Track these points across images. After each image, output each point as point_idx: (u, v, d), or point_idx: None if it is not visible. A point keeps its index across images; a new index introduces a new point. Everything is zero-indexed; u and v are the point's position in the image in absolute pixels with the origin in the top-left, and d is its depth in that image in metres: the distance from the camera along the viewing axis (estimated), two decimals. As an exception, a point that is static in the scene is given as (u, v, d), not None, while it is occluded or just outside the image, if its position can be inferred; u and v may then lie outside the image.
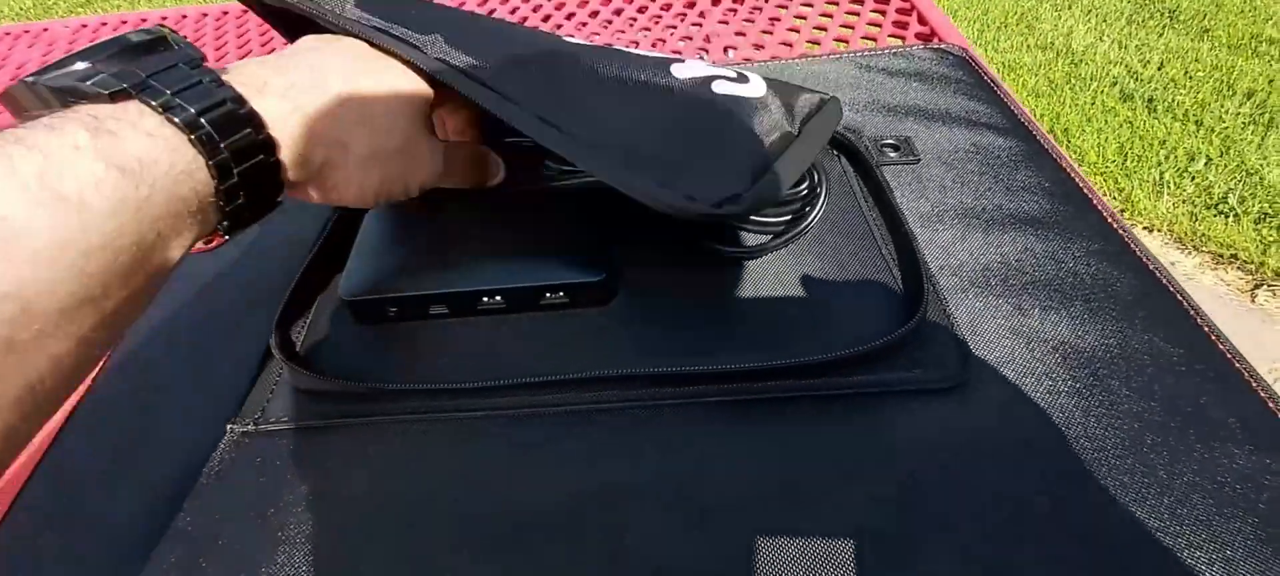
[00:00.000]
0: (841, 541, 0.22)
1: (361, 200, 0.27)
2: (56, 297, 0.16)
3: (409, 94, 0.27)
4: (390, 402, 0.28)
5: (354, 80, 0.25)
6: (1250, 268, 1.19)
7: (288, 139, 0.23)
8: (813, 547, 0.22)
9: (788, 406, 0.26)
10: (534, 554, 0.23)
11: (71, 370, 0.18)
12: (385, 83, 0.26)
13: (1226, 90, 1.55)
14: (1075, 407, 0.25)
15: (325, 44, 0.26)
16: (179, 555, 0.24)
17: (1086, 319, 0.28)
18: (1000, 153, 0.36)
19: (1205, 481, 0.22)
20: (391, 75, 0.27)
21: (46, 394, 0.17)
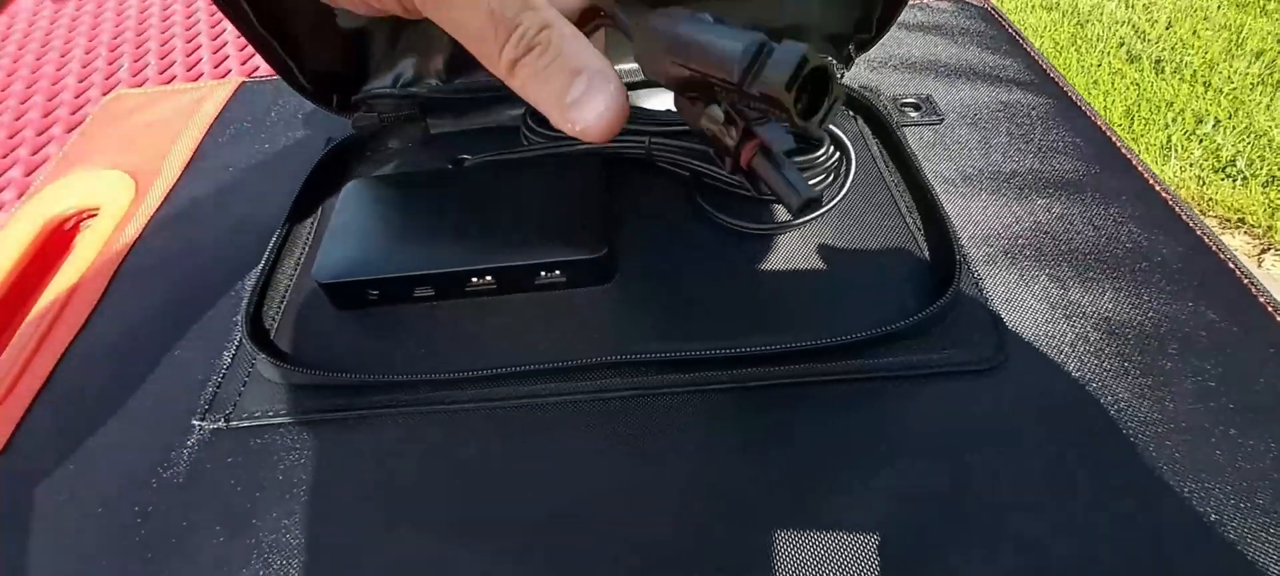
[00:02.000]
0: (870, 537, 0.20)
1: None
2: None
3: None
4: (372, 395, 0.25)
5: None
6: (1258, 232, 1.17)
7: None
8: (838, 544, 0.20)
9: (808, 392, 0.24)
10: (532, 554, 0.21)
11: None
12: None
13: (1236, 50, 1.52)
14: (1124, 388, 0.23)
15: None
16: (148, 559, 0.22)
17: (1131, 290, 0.25)
18: (1029, 110, 0.33)
19: (1271, 469, 0.20)
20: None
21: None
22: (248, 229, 0.32)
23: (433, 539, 0.21)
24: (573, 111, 0.17)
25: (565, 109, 0.17)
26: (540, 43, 0.17)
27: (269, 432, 0.25)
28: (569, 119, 0.17)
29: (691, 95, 0.19)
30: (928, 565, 0.19)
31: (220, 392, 0.26)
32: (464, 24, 0.17)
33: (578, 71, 0.17)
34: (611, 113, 0.17)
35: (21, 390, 0.28)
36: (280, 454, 0.24)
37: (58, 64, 0.57)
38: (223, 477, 0.24)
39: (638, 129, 0.30)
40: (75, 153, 0.40)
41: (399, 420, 0.25)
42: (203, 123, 0.40)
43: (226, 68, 0.54)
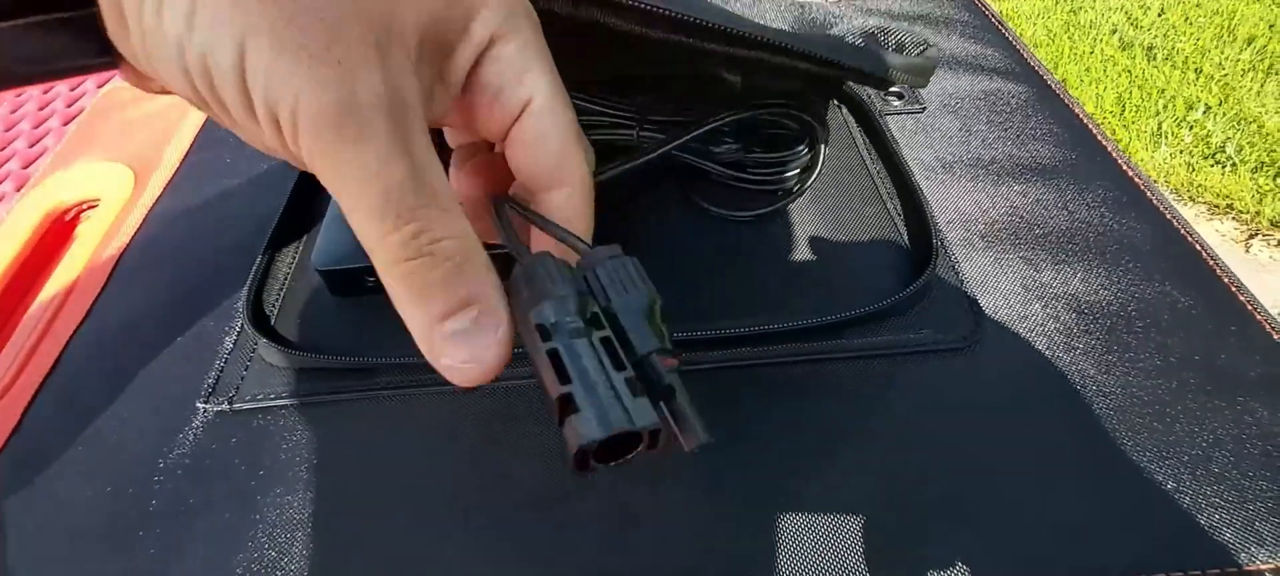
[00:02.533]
0: (851, 508, 0.21)
1: (181, 74, 0.14)
2: None
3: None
4: (369, 377, 0.26)
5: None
6: (1246, 218, 1.18)
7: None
8: (822, 514, 0.21)
9: (792, 371, 0.25)
10: (527, 528, 0.22)
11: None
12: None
13: (1227, 36, 1.52)
14: (1091, 365, 0.24)
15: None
16: (156, 537, 0.23)
17: (1102, 272, 0.26)
18: (1009, 99, 0.34)
19: (1226, 438, 0.21)
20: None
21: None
22: (247, 217, 0.33)
23: (431, 515, 0.22)
24: (445, 344, 0.14)
25: (435, 338, 0.14)
26: (433, 252, 0.14)
27: (271, 414, 0.26)
28: (437, 351, 0.14)
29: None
30: (905, 537, 0.20)
31: (223, 377, 0.27)
32: (356, 201, 0.14)
33: (467, 302, 0.14)
34: (490, 362, 0.14)
35: (26, 379, 0.29)
36: (282, 434, 0.25)
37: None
38: (227, 458, 0.25)
39: (627, 117, 0.31)
40: (74, 144, 0.40)
41: (397, 401, 0.26)
42: (200, 113, 0.41)
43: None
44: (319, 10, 0.13)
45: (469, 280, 0.14)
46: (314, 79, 0.13)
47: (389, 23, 0.14)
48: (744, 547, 0.21)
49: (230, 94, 0.13)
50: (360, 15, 0.13)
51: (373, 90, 0.13)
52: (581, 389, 0.13)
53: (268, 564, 0.22)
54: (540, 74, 0.17)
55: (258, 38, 0.13)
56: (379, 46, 0.14)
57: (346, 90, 0.13)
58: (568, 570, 0.21)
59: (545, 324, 0.14)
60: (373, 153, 0.13)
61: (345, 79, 0.13)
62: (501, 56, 0.16)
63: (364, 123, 0.13)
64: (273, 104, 0.13)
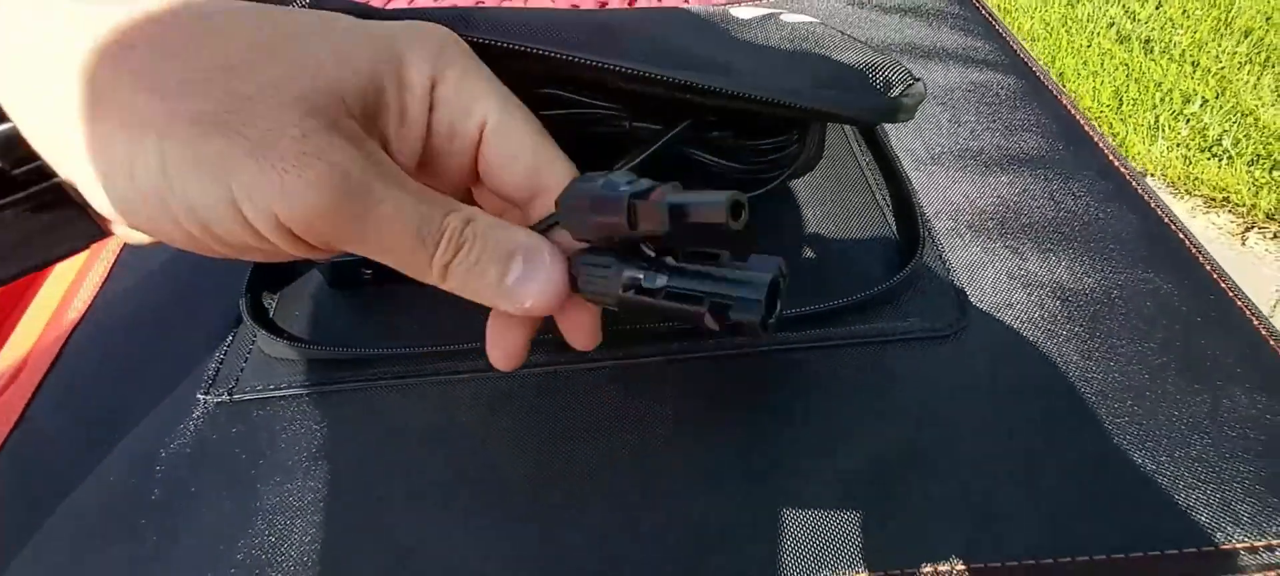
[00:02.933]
0: (841, 491, 0.22)
1: (171, 225, 0.14)
2: None
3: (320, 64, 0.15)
4: (368, 368, 0.27)
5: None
6: (1241, 211, 1.18)
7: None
8: (813, 497, 0.21)
9: (779, 359, 0.25)
10: (523, 515, 0.22)
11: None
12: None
13: (1224, 29, 1.52)
14: (1074, 351, 0.24)
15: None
16: (157, 527, 0.23)
17: (1087, 261, 0.27)
18: (998, 91, 0.35)
19: (1204, 422, 0.22)
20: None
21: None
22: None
23: (428, 502, 0.23)
24: (516, 292, 0.16)
25: (508, 293, 0.16)
26: (466, 239, 0.16)
27: (270, 404, 0.26)
28: (515, 301, 0.17)
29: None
30: (892, 520, 0.21)
31: (223, 368, 0.28)
32: (394, 249, 0.16)
33: (511, 254, 0.16)
34: (554, 283, 0.16)
35: (29, 372, 0.29)
36: (282, 424, 0.26)
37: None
38: (227, 448, 0.25)
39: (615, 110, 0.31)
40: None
41: (394, 392, 0.26)
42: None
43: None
44: (274, 124, 0.14)
45: (500, 242, 0.16)
46: (305, 181, 0.14)
47: (330, 103, 0.15)
48: (738, 532, 0.21)
49: (229, 226, 0.14)
50: (309, 111, 0.14)
51: (354, 162, 0.14)
52: (711, 289, 0.14)
53: (268, 550, 0.22)
54: (486, 97, 0.17)
55: (239, 173, 0.13)
56: (335, 126, 0.15)
57: (338, 175, 0.14)
58: (563, 556, 0.21)
59: (638, 278, 0.15)
60: (387, 205, 0.15)
61: (329, 168, 0.14)
62: (443, 99, 0.17)
63: (366, 191, 0.15)
64: (286, 219, 0.14)
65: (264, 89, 0.14)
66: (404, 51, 0.17)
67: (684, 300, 0.15)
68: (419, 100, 0.17)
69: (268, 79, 0.14)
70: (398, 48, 0.16)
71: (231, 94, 0.14)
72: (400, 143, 0.17)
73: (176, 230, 0.14)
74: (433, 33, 0.17)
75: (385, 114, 0.16)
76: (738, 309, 0.14)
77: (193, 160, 0.13)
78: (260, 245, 0.15)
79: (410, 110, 0.17)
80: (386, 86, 0.16)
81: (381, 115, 0.16)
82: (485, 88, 0.18)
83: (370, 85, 0.16)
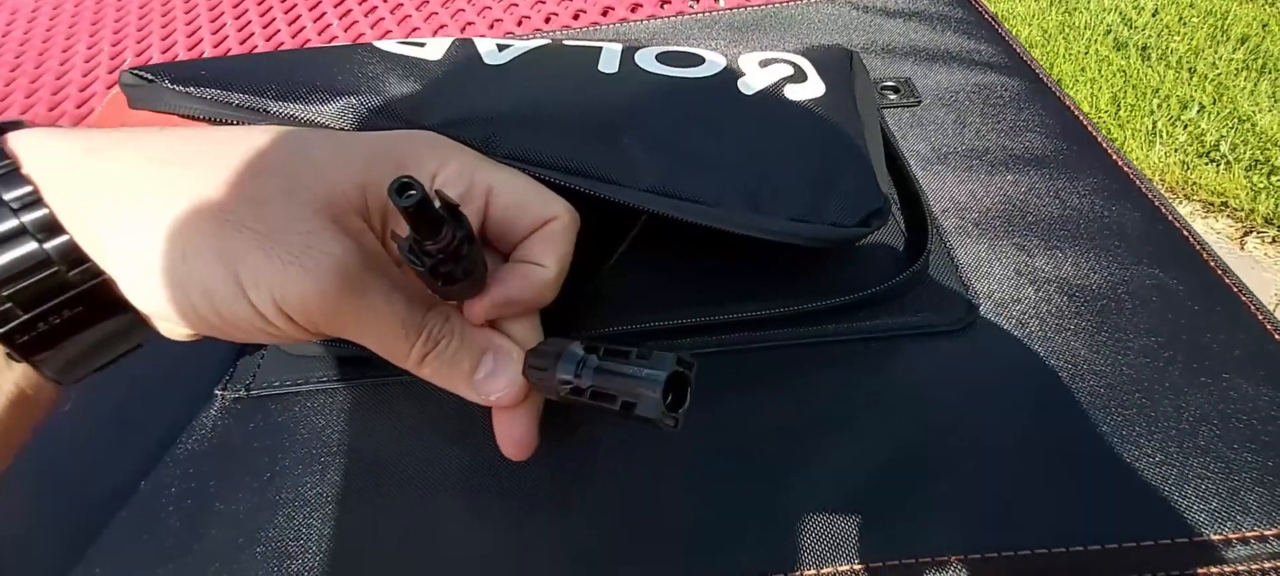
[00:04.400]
0: (849, 485, 0.22)
1: (189, 310, 0.16)
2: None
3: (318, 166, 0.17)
4: (382, 365, 0.27)
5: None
6: (1240, 215, 1.19)
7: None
8: (820, 493, 0.22)
9: (791, 354, 0.25)
10: (535, 510, 0.22)
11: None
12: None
13: (1220, 36, 1.54)
14: (1081, 345, 0.24)
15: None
16: (176, 522, 0.24)
17: (1092, 257, 0.27)
18: (1002, 92, 0.35)
19: (1212, 413, 0.22)
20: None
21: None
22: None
23: (441, 496, 0.23)
24: (485, 386, 0.19)
25: (477, 387, 0.19)
26: (444, 335, 0.19)
27: (288, 400, 0.27)
28: (483, 394, 0.19)
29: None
30: (900, 514, 0.21)
31: (240, 365, 0.28)
32: (380, 337, 0.18)
33: (483, 351, 0.19)
34: (516, 383, 0.19)
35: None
36: (299, 419, 0.26)
37: (61, 59, 0.58)
38: (245, 443, 0.26)
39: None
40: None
41: (411, 388, 0.26)
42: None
43: (227, 53, 0.55)
44: (284, 222, 0.16)
45: (473, 342, 0.19)
46: (306, 271, 0.16)
47: (334, 201, 0.17)
48: (745, 525, 0.21)
49: (236, 309, 0.16)
50: (316, 210, 0.17)
51: (352, 256, 0.16)
52: (621, 388, 0.16)
53: (286, 542, 0.23)
54: (489, 169, 0.20)
55: (246, 261, 0.16)
56: (337, 222, 0.17)
57: (336, 267, 0.16)
58: (574, 547, 0.22)
59: (570, 379, 0.18)
60: (378, 297, 0.17)
61: (329, 260, 0.16)
62: (450, 180, 0.19)
63: (362, 281, 0.17)
64: (283, 304, 0.16)
65: (275, 193, 0.16)
66: (406, 150, 0.19)
67: (604, 398, 0.17)
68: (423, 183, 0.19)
69: (278, 185, 0.17)
70: (400, 149, 0.19)
71: (247, 198, 0.16)
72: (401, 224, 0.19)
73: (195, 315, 0.16)
74: (430, 136, 0.20)
75: (386, 204, 0.18)
76: (641, 405, 0.16)
77: (209, 251, 0.16)
78: (265, 328, 0.17)
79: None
80: (386, 180, 0.18)
81: (383, 206, 0.19)
82: (485, 162, 0.20)
83: (372, 183, 0.18)
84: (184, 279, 0.16)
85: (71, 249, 0.15)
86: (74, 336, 0.17)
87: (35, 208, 0.15)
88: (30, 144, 0.16)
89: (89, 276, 0.16)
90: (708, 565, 0.21)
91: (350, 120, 0.24)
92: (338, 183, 0.17)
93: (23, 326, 0.16)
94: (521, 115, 0.25)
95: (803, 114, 0.27)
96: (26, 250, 0.15)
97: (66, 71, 0.56)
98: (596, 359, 0.18)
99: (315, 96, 0.24)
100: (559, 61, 0.29)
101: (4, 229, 0.15)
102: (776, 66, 0.29)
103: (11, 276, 0.15)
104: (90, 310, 0.16)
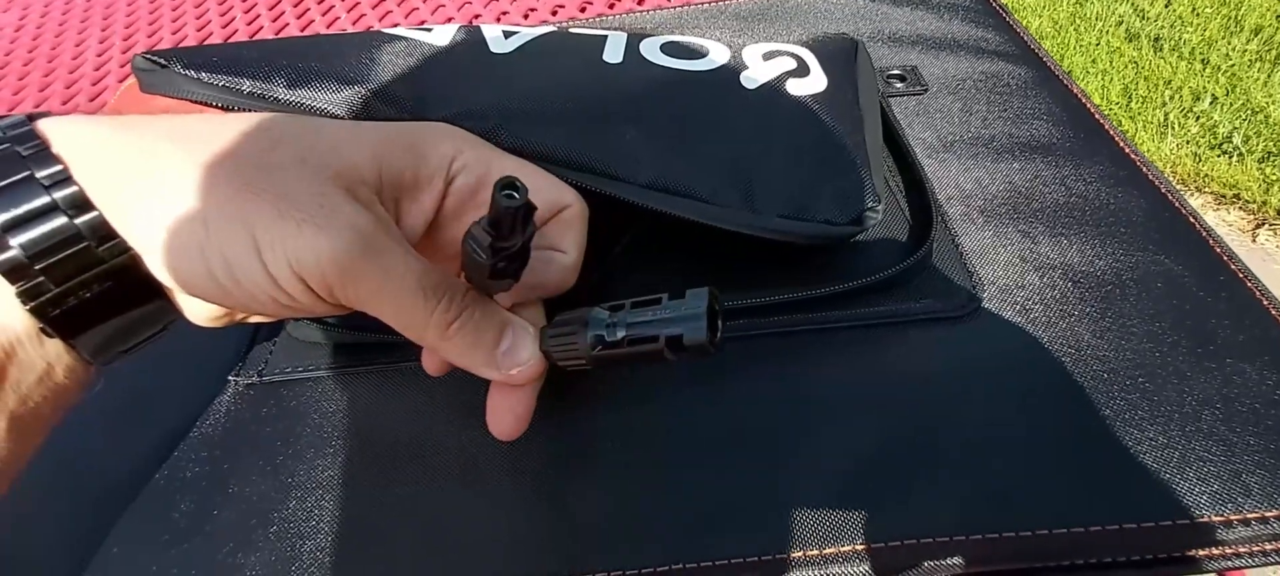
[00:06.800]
0: (851, 468, 0.22)
1: (207, 278, 0.16)
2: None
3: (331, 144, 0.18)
4: (393, 351, 0.27)
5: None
6: (1253, 207, 1.18)
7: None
8: (822, 476, 0.22)
9: (796, 339, 0.26)
10: (544, 491, 0.23)
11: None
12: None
13: (1234, 26, 1.52)
14: (1085, 330, 0.24)
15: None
16: (190, 504, 0.24)
17: (1097, 243, 0.27)
18: (1009, 80, 0.35)
19: (1215, 398, 0.22)
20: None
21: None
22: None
23: (452, 479, 0.23)
24: (505, 361, 0.19)
25: (498, 359, 0.19)
26: (470, 304, 0.19)
27: (299, 386, 0.27)
28: (504, 368, 0.19)
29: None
30: (904, 496, 0.21)
31: (253, 351, 0.28)
32: (395, 303, 0.18)
33: (504, 325, 0.19)
34: (537, 358, 0.20)
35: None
36: (311, 404, 0.26)
37: (73, 53, 0.58)
38: (258, 427, 0.26)
39: None
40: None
41: (419, 374, 0.27)
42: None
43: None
44: (298, 186, 0.16)
45: (495, 318, 0.19)
46: (322, 231, 0.16)
47: (346, 172, 0.17)
48: (749, 506, 0.22)
49: (253, 275, 0.16)
50: (329, 179, 0.17)
51: (366, 220, 0.17)
52: (663, 327, 0.17)
53: (299, 524, 0.23)
54: (503, 161, 0.20)
55: (262, 224, 0.16)
56: (350, 191, 0.17)
57: (350, 229, 0.16)
58: (580, 527, 0.22)
59: (602, 335, 0.18)
60: (396, 260, 0.17)
61: (345, 223, 0.16)
62: (466, 166, 0.20)
63: (378, 244, 0.17)
64: (298, 267, 0.16)
65: (291, 162, 0.17)
66: (424, 137, 0.20)
67: (643, 343, 0.17)
68: (439, 168, 0.19)
69: (294, 154, 0.17)
70: (418, 135, 0.20)
71: (263, 166, 0.17)
72: (414, 204, 0.19)
73: (215, 286, 0.17)
74: (446, 127, 0.21)
75: (401, 184, 0.19)
76: (689, 335, 0.17)
77: (228, 218, 0.16)
78: (280, 298, 0.17)
79: (424, 175, 0.19)
80: (402, 163, 0.19)
81: (398, 185, 0.19)
82: (500, 154, 0.21)
83: (387, 162, 0.18)
84: (204, 247, 0.16)
85: (101, 224, 0.16)
86: (104, 313, 0.17)
87: (65, 184, 0.15)
88: (59, 128, 0.16)
89: (117, 252, 0.16)
90: (711, 545, 0.21)
91: (358, 108, 0.25)
92: (352, 157, 0.18)
93: (54, 300, 0.16)
94: (525, 108, 0.25)
95: (802, 111, 0.27)
96: (58, 224, 0.15)
97: (79, 65, 0.57)
98: (624, 314, 0.18)
99: (324, 84, 0.25)
100: (564, 50, 0.29)
101: (37, 205, 0.15)
102: (780, 60, 0.29)
103: (43, 250, 0.15)
104: (120, 288, 0.17)
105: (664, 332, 0.17)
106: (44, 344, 0.17)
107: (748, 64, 0.28)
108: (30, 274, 0.15)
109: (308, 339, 0.28)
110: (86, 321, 0.17)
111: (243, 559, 0.22)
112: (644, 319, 0.18)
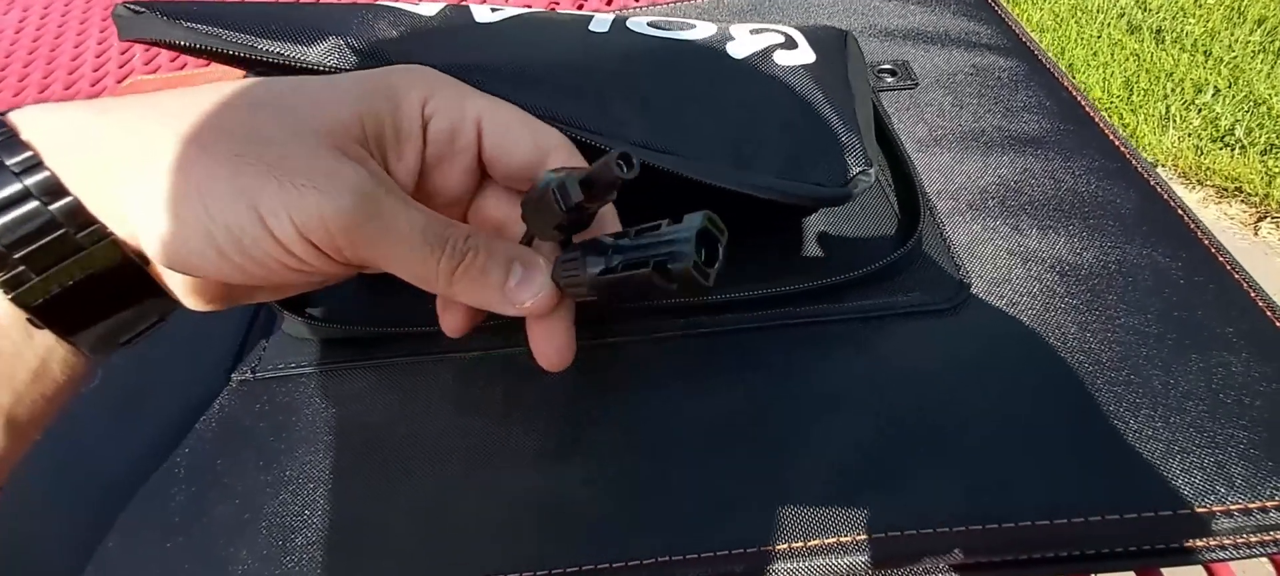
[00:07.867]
0: (843, 461, 0.22)
1: (214, 254, 0.16)
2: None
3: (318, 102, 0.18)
4: (386, 345, 0.28)
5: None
6: (1254, 200, 1.17)
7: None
8: (815, 468, 0.22)
9: (785, 333, 0.26)
10: (535, 484, 0.23)
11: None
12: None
13: (1237, 18, 1.51)
14: (1072, 323, 0.25)
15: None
16: (185, 498, 0.24)
17: (1085, 236, 0.27)
18: (1000, 74, 0.35)
19: (1200, 389, 0.22)
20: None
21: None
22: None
23: (445, 472, 0.24)
24: (515, 295, 0.19)
25: (508, 295, 0.19)
26: (471, 248, 0.18)
27: (293, 381, 0.27)
28: (514, 302, 0.19)
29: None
30: (893, 489, 0.21)
31: (247, 348, 0.29)
32: (401, 257, 0.18)
33: (511, 260, 0.19)
34: (548, 287, 0.19)
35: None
36: (304, 399, 0.27)
37: (73, 51, 0.59)
38: (252, 423, 0.26)
39: None
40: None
41: (413, 369, 0.27)
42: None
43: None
44: (293, 151, 0.16)
45: (501, 252, 0.19)
46: (323, 193, 0.16)
47: (336, 132, 0.17)
48: (743, 499, 0.22)
49: (260, 244, 0.16)
50: (320, 140, 0.17)
51: (365, 177, 0.17)
52: (654, 250, 0.16)
53: (292, 517, 0.23)
54: (476, 98, 0.20)
55: (263, 193, 0.16)
56: (340, 149, 0.17)
57: (349, 188, 0.16)
58: (577, 518, 0.22)
59: (602, 262, 0.17)
60: (398, 214, 0.17)
61: (345, 184, 0.16)
62: (439, 109, 0.19)
63: (377, 198, 0.17)
64: (304, 229, 0.16)
65: (281, 129, 0.17)
66: (396, 82, 0.19)
67: (636, 266, 0.16)
68: (413, 117, 0.19)
69: (280, 121, 0.17)
70: (390, 80, 0.19)
71: (252, 137, 0.16)
72: (399, 159, 0.19)
73: (224, 261, 0.16)
74: (418, 68, 0.20)
75: (384, 137, 0.19)
76: (675, 259, 0.15)
77: (227, 192, 0.16)
78: (290, 263, 0.17)
79: (404, 126, 0.19)
80: (382, 112, 0.19)
81: (381, 138, 0.19)
82: (472, 92, 0.20)
83: (368, 114, 0.18)
84: (207, 225, 0.16)
85: (77, 209, 0.15)
86: (92, 301, 0.17)
87: (36, 171, 0.15)
88: (28, 116, 0.16)
89: (96, 238, 0.16)
90: (706, 537, 0.21)
91: (338, 60, 0.24)
92: (337, 114, 0.18)
93: (36, 289, 0.16)
94: (511, 69, 0.25)
95: (791, 76, 0.26)
96: (30, 209, 0.15)
97: (79, 65, 0.57)
98: (628, 239, 0.17)
99: (304, 36, 0.24)
100: (551, 22, 0.29)
101: (9, 193, 0.15)
102: (767, 35, 0.28)
103: (20, 238, 0.15)
104: (105, 275, 0.16)
105: (653, 258, 0.16)
106: (33, 336, 0.17)
107: (735, 37, 0.28)
108: (9, 263, 0.15)
109: (302, 335, 0.29)
110: (74, 310, 0.17)
111: (238, 551, 0.23)
112: (639, 243, 0.17)
